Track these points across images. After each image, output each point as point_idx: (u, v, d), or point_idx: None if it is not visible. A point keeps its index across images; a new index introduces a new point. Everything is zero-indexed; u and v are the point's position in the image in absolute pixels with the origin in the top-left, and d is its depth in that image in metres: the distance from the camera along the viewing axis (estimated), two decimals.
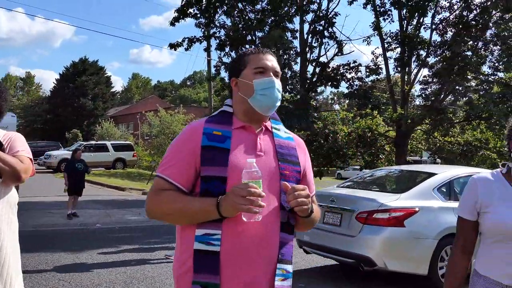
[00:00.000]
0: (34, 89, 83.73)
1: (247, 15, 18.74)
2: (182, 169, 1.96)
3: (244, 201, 1.79)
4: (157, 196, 1.96)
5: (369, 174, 8.78)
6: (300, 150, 2.18)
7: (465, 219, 2.27)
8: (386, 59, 20.83)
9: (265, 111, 2.07)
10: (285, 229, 2.01)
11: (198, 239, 1.91)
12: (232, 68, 2.16)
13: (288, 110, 17.24)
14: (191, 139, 1.99)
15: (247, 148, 2.01)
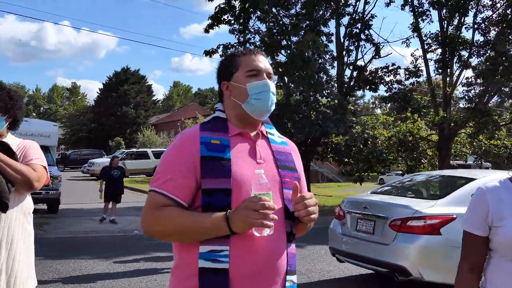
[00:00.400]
0: (79, 99, 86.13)
1: (281, 20, 18.65)
2: (181, 182, 1.81)
3: (257, 215, 1.67)
4: (157, 213, 1.80)
5: (407, 179, 8.47)
6: (294, 154, 2.08)
7: (474, 234, 2.03)
8: (427, 60, 20.36)
9: (260, 115, 1.96)
10: (290, 239, 1.91)
11: (203, 257, 1.77)
12: (222, 70, 2.02)
13: (325, 115, 17.00)
14: (188, 149, 1.85)
15: (248, 157, 1.90)
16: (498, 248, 1.99)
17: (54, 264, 7.60)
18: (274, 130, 2.09)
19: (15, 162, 2.96)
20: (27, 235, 3.09)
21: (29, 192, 3.11)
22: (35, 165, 3.06)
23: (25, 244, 3.07)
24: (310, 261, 8.37)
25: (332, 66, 19.89)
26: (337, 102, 17.78)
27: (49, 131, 15.48)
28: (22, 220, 3.06)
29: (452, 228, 5.84)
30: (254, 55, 1.98)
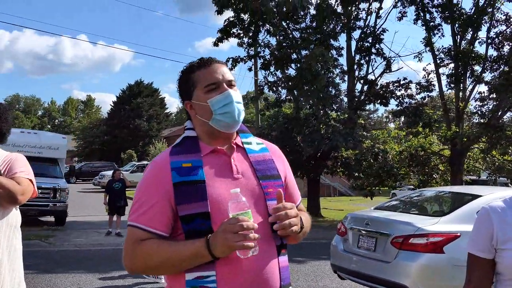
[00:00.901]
0: (94, 112, 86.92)
1: (291, 33, 18.63)
2: (158, 213, 1.73)
3: (237, 238, 1.59)
4: (136, 248, 1.72)
5: (415, 194, 8.29)
6: (277, 158, 1.95)
7: (479, 257, 1.89)
8: (439, 75, 20.17)
9: (229, 129, 1.86)
10: (281, 252, 1.81)
11: (190, 284, 1.70)
12: (182, 89, 1.93)
13: (335, 129, 16.87)
14: (160, 178, 1.77)
15: (223, 174, 1.79)
16: (504, 272, 1.85)
17: (53, 278, 7.53)
18: (252, 137, 1.98)
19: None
20: (13, 250, 3.02)
21: (14, 206, 3.04)
22: (20, 178, 2.99)
23: (9, 260, 3.00)
24: (313, 277, 8.21)
25: (343, 80, 19.82)
26: (346, 116, 17.64)
27: (58, 144, 15.52)
28: (8, 234, 2.98)
29: (456, 247, 5.65)
30: (208, 66, 1.86)
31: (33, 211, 13.98)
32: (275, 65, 18.49)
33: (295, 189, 2.01)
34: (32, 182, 3.09)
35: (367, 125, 26.10)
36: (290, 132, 18.37)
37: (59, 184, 14.33)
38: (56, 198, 14.16)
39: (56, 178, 14.73)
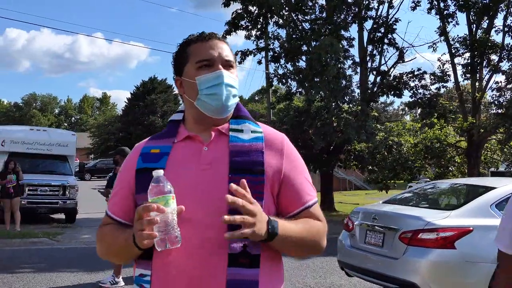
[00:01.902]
0: (109, 109, 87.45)
1: (300, 24, 18.32)
2: (121, 199, 1.66)
3: (138, 225, 1.42)
4: (98, 233, 1.70)
5: (429, 187, 7.96)
6: (271, 151, 1.64)
7: (503, 253, 1.64)
8: (454, 65, 19.73)
9: (216, 114, 1.64)
10: (237, 262, 1.48)
11: (136, 281, 1.59)
12: (174, 64, 1.73)
13: (347, 122, 16.54)
14: (129, 163, 1.69)
15: (189, 163, 1.59)
16: None
17: (53, 277, 7.38)
18: (247, 124, 1.69)
19: None
20: None
21: None
22: None
23: None
24: (321, 274, 7.96)
25: (355, 72, 19.48)
26: (359, 108, 17.30)
27: (67, 141, 15.46)
28: None
29: (468, 242, 5.37)
30: (205, 41, 1.65)
31: (43, 208, 13.96)
32: (285, 57, 18.20)
33: (300, 189, 1.65)
34: None
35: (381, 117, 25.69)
36: (301, 125, 18.07)
37: (68, 181, 14.26)
38: (65, 196, 14.10)
39: (65, 175, 14.68)
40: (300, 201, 1.64)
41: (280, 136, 1.72)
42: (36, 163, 14.56)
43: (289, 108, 19.73)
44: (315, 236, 1.64)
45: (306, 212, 1.64)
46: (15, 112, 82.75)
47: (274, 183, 1.60)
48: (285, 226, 1.53)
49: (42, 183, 13.79)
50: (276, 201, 1.62)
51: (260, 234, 1.44)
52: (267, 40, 19.11)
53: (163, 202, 1.40)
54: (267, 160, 1.60)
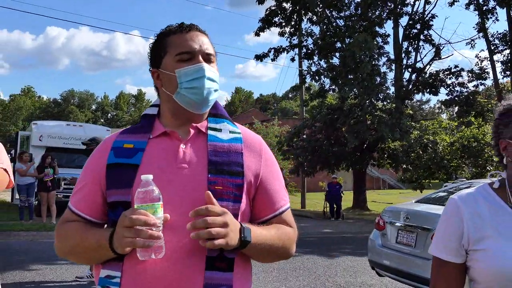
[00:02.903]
0: (144, 105, 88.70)
1: (335, 21, 18.13)
2: (89, 194, 1.54)
3: (127, 233, 1.33)
4: (59, 228, 1.56)
5: (464, 186, 7.74)
6: (250, 152, 1.58)
7: (446, 261, 1.52)
8: (493, 62, 19.24)
9: (195, 108, 1.56)
10: (214, 265, 1.43)
11: (100, 283, 1.47)
12: (152, 55, 1.64)
13: (380, 120, 16.29)
14: (98, 157, 1.57)
15: (165, 161, 1.51)
16: (479, 278, 1.47)
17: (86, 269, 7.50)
18: (226, 123, 1.64)
19: None
20: None
21: None
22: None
23: None
24: (352, 273, 7.85)
25: (390, 69, 19.17)
26: (393, 106, 17.01)
27: (102, 136, 15.62)
28: None
29: None
30: (186, 32, 1.58)
31: None
32: (319, 54, 18.05)
33: (275, 194, 1.60)
34: (7, 172, 2.90)
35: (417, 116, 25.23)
36: (334, 123, 17.89)
37: None
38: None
39: None
40: (274, 206, 1.59)
41: (258, 138, 1.67)
42: (72, 158, 14.87)
43: (322, 106, 19.57)
44: (286, 242, 1.59)
45: (278, 218, 1.60)
46: (53, 108, 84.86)
47: (251, 187, 1.55)
48: (257, 233, 1.48)
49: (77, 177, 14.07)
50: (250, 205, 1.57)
51: (233, 244, 1.40)
52: (301, 37, 19.00)
53: (152, 210, 1.35)
54: (246, 162, 1.56)
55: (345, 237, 12.66)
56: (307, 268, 8.11)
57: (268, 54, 17.96)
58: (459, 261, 1.51)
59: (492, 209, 1.49)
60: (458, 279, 1.52)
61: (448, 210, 1.55)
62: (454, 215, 1.51)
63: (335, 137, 18.65)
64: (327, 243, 11.20)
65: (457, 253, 1.50)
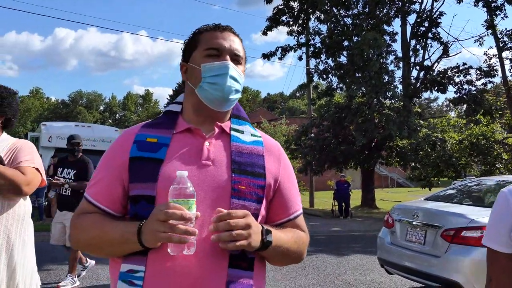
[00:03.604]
0: (152, 106, 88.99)
1: (342, 20, 18.10)
2: (108, 186, 1.53)
3: (162, 227, 1.33)
4: (77, 220, 1.55)
5: (473, 183, 7.70)
6: (270, 156, 1.62)
7: (498, 252, 1.58)
8: (502, 59, 19.11)
9: (216, 105, 1.58)
10: (237, 264, 1.46)
11: (122, 277, 1.47)
12: (184, 50, 1.67)
13: (388, 118, 16.24)
14: (120, 148, 1.57)
15: (189, 157, 1.52)
16: None
17: (96, 270, 7.54)
18: (248, 126, 1.68)
19: None
20: (22, 242, 2.91)
21: (21, 197, 2.92)
22: (25, 168, 2.87)
23: (23, 252, 2.90)
24: (361, 271, 7.85)
25: (397, 67, 19.12)
26: (401, 104, 16.96)
27: (111, 136, 15.79)
28: (16, 227, 2.88)
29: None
30: (219, 31, 1.61)
31: None
32: (326, 53, 18.03)
33: (291, 199, 1.64)
34: (39, 171, 2.96)
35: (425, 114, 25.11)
36: (342, 121, 17.87)
37: None
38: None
39: None
40: (289, 211, 1.63)
41: (277, 143, 1.72)
42: None
43: (329, 104, 19.55)
44: (300, 247, 1.63)
45: (292, 222, 1.64)
46: (62, 109, 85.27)
47: (270, 189, 1.58)
48: (277, 236, 1.52)
49: None
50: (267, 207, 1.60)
51: (255, 246, 1.43)
52: (308, 35, 18.98)
53: (187, 206, 1.35)
54: (267, 165, 1.59)
55: (354, 235, 12.65)
56: (316, 266, 8.12)
57: (275, 53, 17.97)
58: (510, 251, 1.56)
59: None
60: (510, 268, 1.58)
61: (498, 203, 1.61)
62: (504, 208, 1.58)
63: (343, 136, 18.62)
64: (336, 242, 11.20)
65: (507, 244, 1.56)
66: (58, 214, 6.58)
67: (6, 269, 2.78)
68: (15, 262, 2.81)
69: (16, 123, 3.20)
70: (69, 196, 6.47)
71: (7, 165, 2.82)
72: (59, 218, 6.52)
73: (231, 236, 1.37)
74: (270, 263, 1.62)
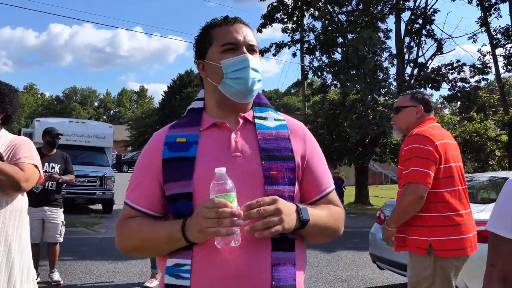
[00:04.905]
0: (146, 102, 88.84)
1: (336, 16, 18.12)
2: (146, 189, 1.61)
3: (210, 223, 1.39)
4: (122, 226, 1.63)
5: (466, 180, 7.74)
6: (295, 138, 1.67)
7: (504, 238, 1.60)
8: (495, 57, 19.21)
9: (241, 98, 1.63)
10: (280, 246, 1.52)
11: (169, 271, 1.54)
12: (197, 47, 1.71)
13: (382, 115, 16.30)
14: (152, 153, 1.63)
15: (219, 151, 1.58)
16: None
17: (89, 265, 7.56)
18: (270, 112, 1.72)
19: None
20: (19, 238, 2.93)
21: (19, 193, 2.95)
22: (24, 164, 2.91)
23: (20, 247, 2.92)
24: (353, 267, 7.90)
25: (392, 64, 19.17)
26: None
27: (105, 133, 15.77)
28: (13, 222, 2.91)
29: None
30: (230, 25, 1.65)
31: (80, 199, 14.31)
32: (321, 49, 18.05)
33: (321, 176, 1.69)
34: (37, 168, 2.99)
35: None
36: (336, 118, 17.91)
37: (105, 173, 14.54)
38: (102, 187, 14.40)
39: (103, 167, 14.97)
40: (321, 188, 1.68)
41: (301, 124, 1.76)
42: (75, 155, 14.87)
43: (324, 101, 19.59)
44: (337, 221, 1.68)
45: (326, 199, 1.68)
46: (56, 105, 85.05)
47: (299, 170, 1.63)
48: (314, 213, 1.57)
49: (80, 174, 14.05)
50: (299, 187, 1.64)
51: (291, 226, 1.48)
52: (303, 32, 19.00)
53: (229, 200, 1.41)
54: (293, 147, 1.63)
55: (347, 231, 12.61)
56: (309, 262, 8.15)
57: (269, 49, 18.01)
58: None
59: None
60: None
61: (504, 190, 1.64)
62: (509, 195, 1.60)
63: (337, 132, 18.66)
64: None
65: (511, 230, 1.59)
66: (33, 211, 5.87)
67: (5, 264, 2.80)
68: (12, 257, 2.84)
69: None
70: (54, 191, 6.41)
71: (6, 161, 2.85)
72: (35, 215, 6.11)
73: (264, 224, 1.41)
74: (309, 242, 1.67)
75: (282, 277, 1.50)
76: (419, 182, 3.13)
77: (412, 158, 3.20)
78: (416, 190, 3.14)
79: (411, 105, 3.51)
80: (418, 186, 3.14)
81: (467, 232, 3.27)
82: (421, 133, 3.27)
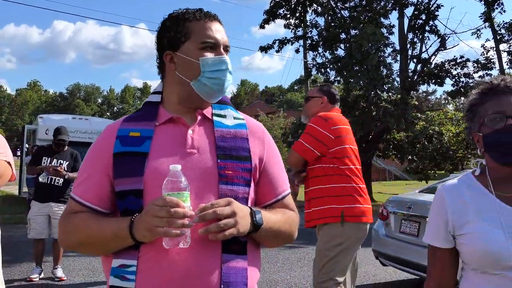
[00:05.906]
0: None
1: (339, 12, 18.07)
2: (94, 184, 1.53)
3: (159, 222, 1.33)
4: (66, 220, 1.54)
5: None
6: (254, 138, 1.62)
7: (437, 247, 1.66)
8: (499, 52, 19.14)
9: (210, 97, 1.60)
10: (230, 248, 1.46)
11: (113, 272, 1.46)
12: (165, 36, 1.62)
13: (386, 111, 16.27)
14: (103, 146, 1.56)
15: (174, 147, 1.52)
16: (467, 261, 1.61)
17: (92, 262, 7.58)
18: (230, 110, 1.67)
19: None
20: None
21: None
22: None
23: None
24: None
25: (395, 60, 19.13)
26: (398, 97, 16.98)
27: None
28: None
29: None
30: (209, 21, 1.60)
31: None
32: (324, 45, 18.01)
33: (277, 179, 1.64)
34: (10, 165, 2.96)
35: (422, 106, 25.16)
36: None
37: None
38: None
39: None
40: (277, 191, 1.64)
41: (260, 125, 1.71)
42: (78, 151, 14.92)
43: None
44: (291, 226, 1.64)
45: (281, 203, 1.65)
46: (60, 102, 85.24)
47: (256, 171, 1.59)
48: (267, 217, 1.52)
49: None
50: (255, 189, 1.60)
51: (245, 230, 1.43)
52: (305, 28, 18.95)
53: (181, 199, 1.35)
54: (251, 147, 1.59)
55: None
56: (311, 259, 8.13)
57: (272, 45, 17.94)
58: (449, 246, 1.64)
59: (474, 195, 1.60)
60: (450, 262, 1.66)
61: (435, 200, 1.68)
62: (439, 205, 1.65)
63: None
64: None
65: (446, 239, 1.63)
66: (40, 206, 6.37)
67: None
68: None
69: (14, 116, 3.22)
70: (61, 187, 6.44)
71: None
72: (42, 210, 6.32)
73: (219, 227, 1.37)
74: (263, 245, 1.62)
75: (232, 281, 1.45)
76: (299, 153, 3.70)
77: (305, 133, 3.70)
78: (294, 158, 3.75)
79: (317, 96, 3.94)
80: (297, 155, 3.72)
81: (367, 203, 3.69)
82: (324, 116, 3.70)
